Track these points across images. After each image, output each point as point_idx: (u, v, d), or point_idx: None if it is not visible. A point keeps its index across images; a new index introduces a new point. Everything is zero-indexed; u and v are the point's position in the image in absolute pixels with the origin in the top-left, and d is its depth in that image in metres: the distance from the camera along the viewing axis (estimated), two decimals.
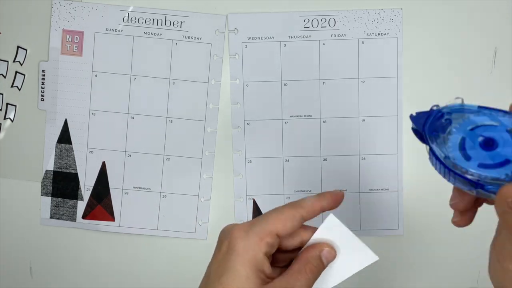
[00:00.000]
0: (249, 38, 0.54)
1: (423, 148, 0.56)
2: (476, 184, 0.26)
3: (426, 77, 0.55)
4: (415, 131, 0.30)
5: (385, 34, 0.54)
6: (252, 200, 0.55)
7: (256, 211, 0.55)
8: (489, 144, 0.28)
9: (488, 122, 0.28)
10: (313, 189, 0.55)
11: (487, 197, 0.26)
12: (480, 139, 0.28)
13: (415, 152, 0.55)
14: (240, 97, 0.55)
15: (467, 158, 0.27)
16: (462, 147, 0.28)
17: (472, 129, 0.28)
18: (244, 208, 0.55)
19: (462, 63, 0.54)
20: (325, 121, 0.55)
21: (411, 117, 0.30)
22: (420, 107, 0.54)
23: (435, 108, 0.30)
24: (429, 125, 0.29)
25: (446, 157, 0.28)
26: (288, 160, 0.55)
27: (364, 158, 0.55)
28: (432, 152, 0.29)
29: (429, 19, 0.54)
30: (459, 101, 0.30)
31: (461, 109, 0.29)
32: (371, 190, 0.55)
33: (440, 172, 0.28)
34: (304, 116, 0.55)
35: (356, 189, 0.55)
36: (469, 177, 0.26)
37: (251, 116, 0.55)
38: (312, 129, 0.55)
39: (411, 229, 0.55)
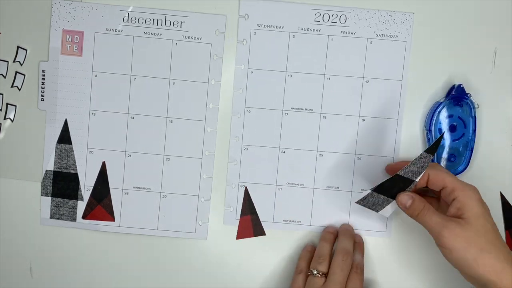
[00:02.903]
0: (258, 25, 0.54)
1: (418, 152, 0.56)
2: None
3: (426, 77, 0.54)
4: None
5: (394, 36, 0.54)
6: (244, 188, 0.55)
7: (247, 199, 0.55)
8: None
9: None
10: (306, 183, 0.55)
11: None
12: None
13: (413, 155, 0.55)
14: (243, 83, 0.55)
15: None
16: None
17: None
18: (235, 195, 0.55)
19: (462, 63, 0.54)
20: (325, 117, 0.55)
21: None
22: (420, 109, 0.54)
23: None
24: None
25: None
26: (284, 152, 0.55)
27: (359, 158, 0.55)
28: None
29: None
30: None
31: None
32: (363, 190, 0.55)
33: None
34: (305, 109, 0.55)
35: (348, 188, 0.55)
36: None
37: (252, 104, 0.55)
38: (312, 123, 0.55)
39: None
